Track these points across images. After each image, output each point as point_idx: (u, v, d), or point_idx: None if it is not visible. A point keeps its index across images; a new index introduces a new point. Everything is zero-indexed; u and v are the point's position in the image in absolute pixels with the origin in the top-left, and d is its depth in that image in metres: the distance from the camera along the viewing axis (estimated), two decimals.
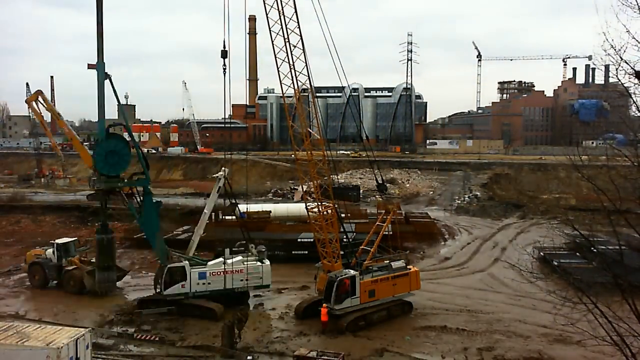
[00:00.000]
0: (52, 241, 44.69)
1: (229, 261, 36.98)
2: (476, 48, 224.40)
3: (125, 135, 44.83)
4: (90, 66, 37.20)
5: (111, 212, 69.17)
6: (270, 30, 32.41)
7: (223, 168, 39.91)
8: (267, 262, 38.22)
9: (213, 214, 43.71)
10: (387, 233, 39.18)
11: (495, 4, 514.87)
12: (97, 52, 37.68)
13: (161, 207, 40.67)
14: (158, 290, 37.01)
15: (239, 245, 39.71)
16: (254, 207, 62.70)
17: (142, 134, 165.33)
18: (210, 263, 37.54)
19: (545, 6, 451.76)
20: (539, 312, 37.01)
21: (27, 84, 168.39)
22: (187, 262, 37.00)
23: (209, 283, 36.62)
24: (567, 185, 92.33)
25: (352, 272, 34.38)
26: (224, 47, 36.54)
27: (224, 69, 36.58)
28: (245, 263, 37.24)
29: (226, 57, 36.56)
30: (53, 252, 42.88)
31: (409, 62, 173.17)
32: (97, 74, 37.12)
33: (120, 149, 37.01)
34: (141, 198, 38.24)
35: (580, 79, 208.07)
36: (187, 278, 36.27)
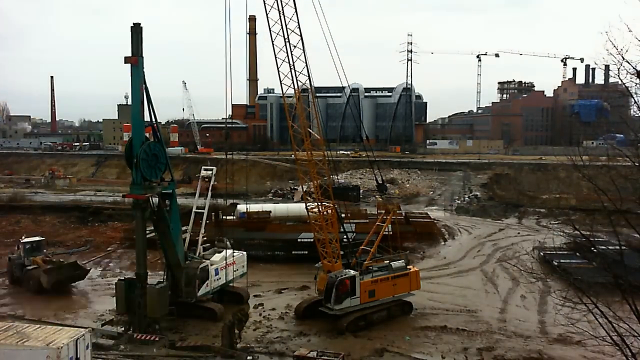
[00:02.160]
0: (20, 239, 45.82)
1: (227, 254, 38.14)
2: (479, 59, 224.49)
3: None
4: (127, 60, 32.14)
5: (111, 212, 69.45)
6: (270, 31, 32.45)
7: (204, 168, 40.07)
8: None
9: (212, 213, 43.70)
10: (387, 233, 39.19)
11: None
12: (132, 45, 32.23)
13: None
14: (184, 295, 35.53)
15: (204, 241, 39.44)
16: (254, 207, 62.72)
17: None
18: (214, 259, 37.77)
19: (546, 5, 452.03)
20: (539, 312, 37.06)
21: None
22: (207, 261, 37.02)
23: (219, 278, 37.41)
24: (567, 185, 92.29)
25: (352, 272, 34.38)
26: (226, 135, 37.27)
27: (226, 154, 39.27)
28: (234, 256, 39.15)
29: (228, 138, 37.56)
30: (20, 250, 44.11)
31: (409, 62, 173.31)
32: (131, 69, 32.28)
33: (159, 152, 34.19)
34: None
35: (580, 79, 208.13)
36: (209, 277, 36.46)
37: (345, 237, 37.30)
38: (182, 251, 35.99)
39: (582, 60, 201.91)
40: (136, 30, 32.31)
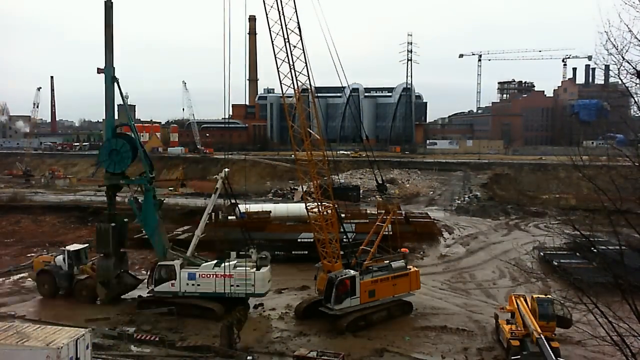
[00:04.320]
0: (63, 248, 42.70)
1: (225, 264, 36.14)
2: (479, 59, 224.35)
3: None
4: (99, 70, 38.69)
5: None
6: (270, 31, 32.46)
7: (225, 170, 39.89)
8: (265, 268, 36.57)
9: (214, 214, 43.62)
10: (387, 233, 39.20)
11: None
12: (105, 56, 38.77)
13: (161, 203, 40.65)
14: (150, 287, 37.66)
15: (247, 248, 38.21)
16: (254, 207, 62.72)
17: (142, 134, 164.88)
18: (203, 265, 37.11)
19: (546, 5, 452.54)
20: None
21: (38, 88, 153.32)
22: (178, 261, 37.05)
23: (199, 285, 36.25)
24: (567, 185, 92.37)
25: (352, 272, 34.38)
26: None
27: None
28: (237, 268, 35.98)
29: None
30: (64, 259, 40.57)
31: (409, 62, 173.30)
32: (105, 77, 38.64)
33: (121, 148, 38.65)
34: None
35: (580, 79, 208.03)
36: (176, 277, 36.37)
37: (345, 237, 37.27)
38: (160, 245, 37.83)
39: (590, 57, 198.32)
40: (109, 46, 38.87)
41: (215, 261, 37.50)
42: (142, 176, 40.01)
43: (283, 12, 32.13)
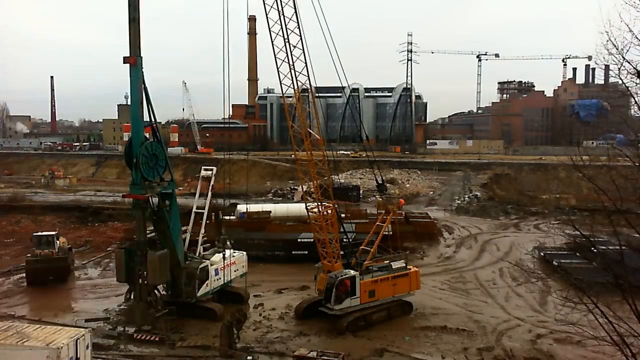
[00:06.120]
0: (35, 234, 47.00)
1: (227, 254, 38.05)
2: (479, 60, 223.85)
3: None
4: (126, 60, 32.05)
5: (111, 212, 69.43)
6: (270, 31, 32.41)
7: (202, 168, 40.09)
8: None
9: (214, 214, 43.58)
10: (387, 233, 39.19)
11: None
12: (130, 43, 31.97)
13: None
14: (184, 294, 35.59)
15: (204, 241, 39.29)
16: (254, 207, 62.69)
17: None
18: (212, 259, 37.72)
19: (547, 5, 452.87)
20: (539, 312, 37.06)
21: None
22: (207, 260, 37.13)
23: (219, 278, 37.42)
24: (567, 185, 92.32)
25: (352, 272, 34.39)
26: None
27: None
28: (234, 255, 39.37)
29: None
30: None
31: (409, 62, 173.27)
32: (130, 68, 32.16)
33: (159, 152, 34.39)
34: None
35: (580, 79, 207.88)
36: (209, 277, 36.51)
37: (345, 237, 37.29)
38: (182, 251, 36.09)
39: (589, 58, 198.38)
40: (134, 29, 32.08)
41: (217, 254, 38.39)
42: (168, 182, 35.65)
43: (283, 12, 32.10)
